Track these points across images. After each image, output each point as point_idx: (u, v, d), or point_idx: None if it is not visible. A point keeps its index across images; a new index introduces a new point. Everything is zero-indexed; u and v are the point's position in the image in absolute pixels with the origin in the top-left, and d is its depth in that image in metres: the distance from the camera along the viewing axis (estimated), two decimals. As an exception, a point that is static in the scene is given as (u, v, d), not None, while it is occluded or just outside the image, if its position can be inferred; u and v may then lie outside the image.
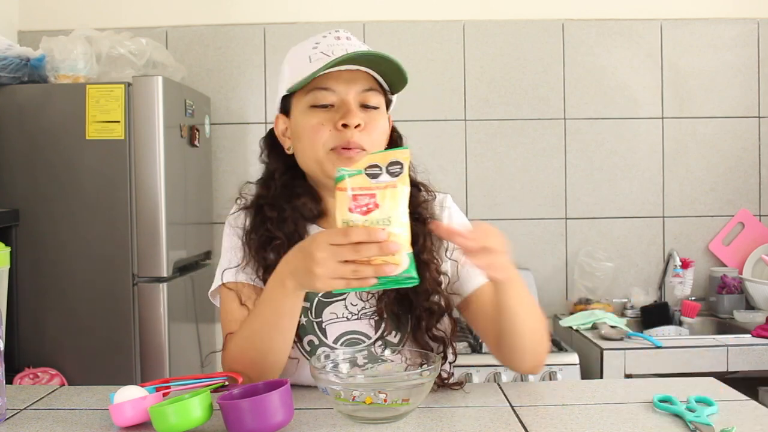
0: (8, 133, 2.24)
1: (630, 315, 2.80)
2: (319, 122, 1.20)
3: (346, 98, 1.20)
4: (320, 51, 1.21)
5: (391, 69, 1.21)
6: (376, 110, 1.23)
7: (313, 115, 1.21)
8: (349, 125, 1.18)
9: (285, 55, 1.29)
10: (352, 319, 1.25)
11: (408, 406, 1.05)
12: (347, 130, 1.18)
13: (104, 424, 1.10)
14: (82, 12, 2.86)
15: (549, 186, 2.93)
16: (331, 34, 1.24)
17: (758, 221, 2.93)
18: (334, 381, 1.06)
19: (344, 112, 1.19)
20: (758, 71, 2.92)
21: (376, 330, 1.24)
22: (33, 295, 2.23)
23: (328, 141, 1.19)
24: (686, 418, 1.06)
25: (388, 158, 0.98)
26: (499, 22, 2.91)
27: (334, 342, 1.24)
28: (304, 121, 1.21)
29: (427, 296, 1.22)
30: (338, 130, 1.18)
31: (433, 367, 1.06)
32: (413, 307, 1.22)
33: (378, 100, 1.23)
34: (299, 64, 1.22)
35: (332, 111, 1.20)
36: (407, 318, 1.24)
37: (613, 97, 2.92)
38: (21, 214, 2.22)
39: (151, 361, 2.22)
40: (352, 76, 1.20)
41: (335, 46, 1.21)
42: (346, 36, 1.24)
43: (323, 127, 1.19)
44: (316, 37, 1.25)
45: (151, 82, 2.21)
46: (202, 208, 2.73)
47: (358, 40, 1.26)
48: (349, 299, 1.25)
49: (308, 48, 1.23)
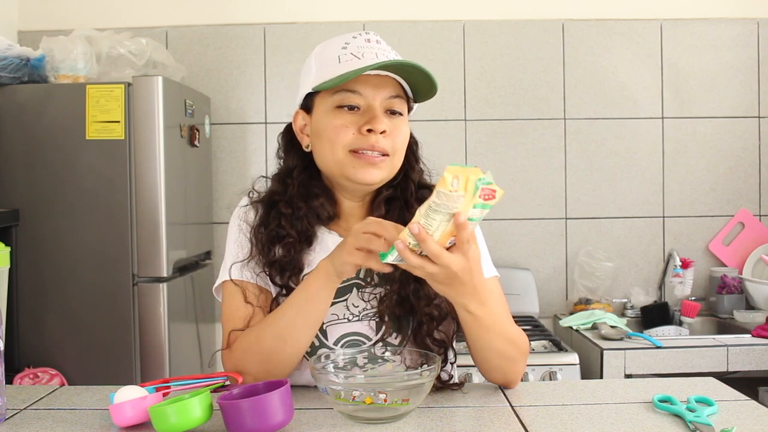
0: (8, 133, 2.24)
1: (630, 315, 2.80)
2: (343, 123, 1.20)
3: (373, 103, 1.20)
4: (350, 52, 1.20)
5: (420, 79, 1.21)
6: (400, 117, 1.24)
7: (338, 115, 1.21)
8: (375, 131, 1.18)
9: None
10: (353, 320, 1.25)
11: (408, 406, 1.05)
12: (372, 134, 1.19)
13: (104, 424, 1.10)
14: (82, 12, 2.86)
15: (549, 186, 2.93)
16: (361, 36, 1.23)
17: (758, 221, 2.93)
18: (334, 381, 1.06)
19: (370, 117, 1.19)
20: (758, 71, 2.92)
21: (376, 332, 1.24)
22: (33, 295, 2.23)
23: (350, 143, 1.20)
24: (686, 418, 1.06)
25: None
26: (499, 22, 2.91)
27: (335, 343, 1.24)
28: (327, 121, 1.21)
29: (428, 301, 1.22)
30: (362, 134, 1.19)
31: (432, 367, 1.06)
32: (414, 310, 1.22)
33: (402, 107, 1.24)
34: (328, 63, 1.21)
35: (357, 114, 1.20)
36: (408, 321, 1.24)
37: (613, 97, 2.92)
38: (21, 214, 2.22)
39: (151, 361, 2.22)
40: (381, 82, 1.20)
41: (365, 49, 1.20)
42: (376, 39, 1.24)
43: (347, 129, 1.20)
44: (344, 37, 1.23)
45: (151, 82, 2.21)
46: (202, 208, 2.73)
47: (387, 44, 1.25)
48: (351, 300, 1.25)
49: (337, 47, 1.22)
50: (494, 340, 1.17)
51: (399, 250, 1.01)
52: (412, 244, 1.02)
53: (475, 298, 1.09)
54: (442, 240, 1.01)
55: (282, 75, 2.89)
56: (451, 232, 1.01)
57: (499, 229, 2.91)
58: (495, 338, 1.17)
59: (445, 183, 0.98)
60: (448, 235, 1.01)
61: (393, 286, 1.22)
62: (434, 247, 1.00)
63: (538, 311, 2.83)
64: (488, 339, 1.16)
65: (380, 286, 1.25)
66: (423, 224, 1.00)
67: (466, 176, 0.98)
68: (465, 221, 0.99)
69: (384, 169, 1.22)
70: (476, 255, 1.05)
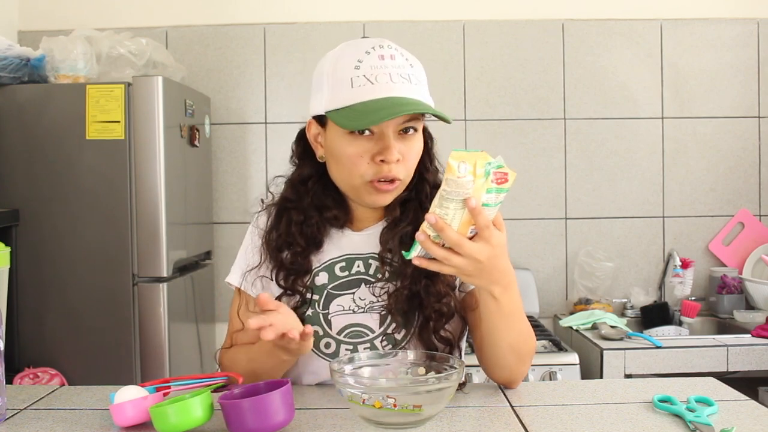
0: (8, 133, 2.24)
1: (630, 315, 2.80)
2: (357, 153, 1.19)
3: (386, 131, 1.18)
4: (363, 75, 1.16)
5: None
6: (415, 134, 1.22)
7: (351, 143, 1.19)
8: (387, 161, 1.18)
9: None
10: (358, 312, 1.26)
11: (420, 413, 1.02)
12: (385, 164, 1.18)
13: (104, 424, 1.10)
14: (82, 12, 2.86)
15: (549, 186, 2.93)
16: (375, 51, 1.18)
17: (758, 221, 2.93)
18: (350, 384, 1.04)
19: (382, 147, 1.18)
20: (758, 71, 2.92)
21: (380, 325, 1.25)
22: (33, 295, 2.22)
23: (366, 173, 1.19)
24: (686, 418, 1.06)
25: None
26: (499, 22, 2.91)
27: (338, 333, 1.25)
28: (341, 147, 1.20)
29: (438, 298, 1.23)
30: (376, 164, 1.19)
31: (444, 375, 1.04)
32: (423, 306, 1.23)
33: (417, 123, 1.22)
34: (341, 85, 1.18)
35: (371, 141, 1.19)
36: (415, 316, 1.24)
37: (613, 97, 2.92)
38: (21, 214, 2.22)
39: (151, 361, 2.22)
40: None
41: (379, 70, 1.16)
42: (390, 54, 1.19)
43: (361, 159, 1.19)
44: (358, 51, 1.19)
45: (151, 82, 2.21)
46: (202, 208, 2.73)
47: (401, 56, 1.20)
48: (359, 293, 1.26)
49: (350, 66, 1.18)
50: (510, 331, 1.16)
51: (420, 241, 1.01)
52: (433, 235, 1.00)
53: (501, 282, 1.08)
54: (462, 229, 1.00)
55: (282, 75, 2.89)
56: (470, 221, 0.99)
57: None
58: (511, 329, 1.16)
59: (452, 169, 0.96)
60: (468, 223, 1.00)
61: (404, 281, 1.23)
62: (454, 236, 0.99)
63: (538, 311, 2.83)
64: (505, 329, 1.15)
65: (390, 281, 1.26)
66: (439, 214, 0.99)
67: (473, 161, 0.97)
68: (478, 205, 0.97)
69: (396, 192, 1.24)
70: (501, 240, 1.04)
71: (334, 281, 1.28)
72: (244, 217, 2.80)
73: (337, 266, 1.28)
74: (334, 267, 1.28)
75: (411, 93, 1.17)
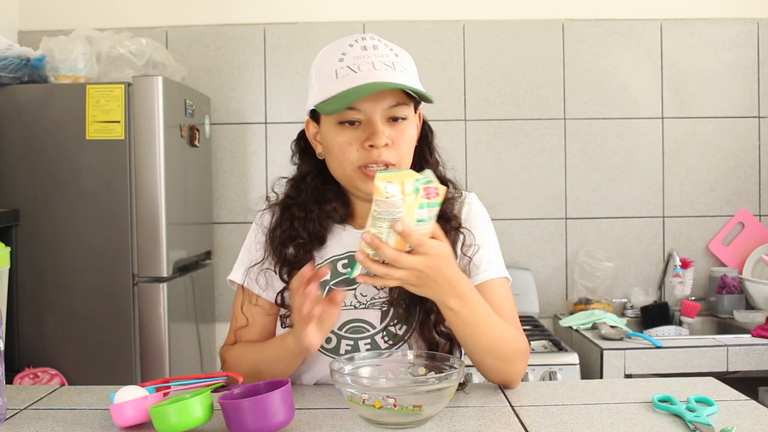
0: (8, 133, 2.24)
1: (630, 315, 2.80)
2: (347, 141, 1.20)
3: (372, 117, 1.19)
4: (346, 65, 1.18)
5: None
6: (404, 121, 1.22)
7: (340, 132, 1.21)
8: (376, 146, 1.19)
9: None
10: (359, 308, 1.26)
11: (421, 413, 1.02)
12: (374, 149, 1.19)
13: (104, 424, 1.10)
14: (82, 12, 2.86)
15: (549, 186, 2.93)
16: (358, 43, 1.21)
17: (758, 221, 2.93)
18: (348, 383, 1.04)
19: (370, 132, 1.19)
20: (758, 71, 2.92)
21: (381, 320, 1.26)
22: (33, 295, 2.23)
23: (356, 159, 1.20)
24: (686, 418, 1.06)
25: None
26: (499, 22, 2.91)
27: (339, 329, 1.26)
28: (332, 138, 1.22)
29: None
30: (365, 149, 1.19)
31: (444, 375, 1.04)
32: (424, 300, 1.23)
33: (405, 110, 1.22)
34: (326, 79, 1.20)
35: (360, 129, 1.20)
36: (416, 311, 1.25)
37: (613, 97, 2.92)
38: (21, 214, 2.22)
39: (151, 361, 2.22)
40: (379, 94, 1.19)
41: (362, 60, 1.18)
42: (372, 44, 1.21)
43: (351, 147, 1.20)
44: (342, 45, 1.21)
45: (151, 82, 2.21)
46: (202, 208, 2.73)
47: (385, 46, 1.22)
48: (360, 289, 1.27)
49: (335, 59, 1.20)
50: (480, 338, 1.16)
51: (360, 261, 1.04)
52: (371, 253, 1.03)
53: (453, 293, 1.09)
54: (400, 245, 1.02)
55: (282, 75, 2.89)
56: None
57: (499, 229, 2.86)
58: (481, 336, 1.16)
59: (380, 191, 0.99)
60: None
61: None
62: (390, 252, 1.01)
63: (538, 311, 2.83)
64: (474, 336, 1.16)
65: None
66: (374, 233, 1.01)
67: (400, 180, 1.00)
68: (406, 229, 1.00)
69: None
70: (442, 250, 1.05)
71: (336, 277, 1.28)
72: (244, 217, 2.81)
73: (340, 263, 1.29)
74: (337, 264, 1.29)
75: (395, 78, 1.18)
